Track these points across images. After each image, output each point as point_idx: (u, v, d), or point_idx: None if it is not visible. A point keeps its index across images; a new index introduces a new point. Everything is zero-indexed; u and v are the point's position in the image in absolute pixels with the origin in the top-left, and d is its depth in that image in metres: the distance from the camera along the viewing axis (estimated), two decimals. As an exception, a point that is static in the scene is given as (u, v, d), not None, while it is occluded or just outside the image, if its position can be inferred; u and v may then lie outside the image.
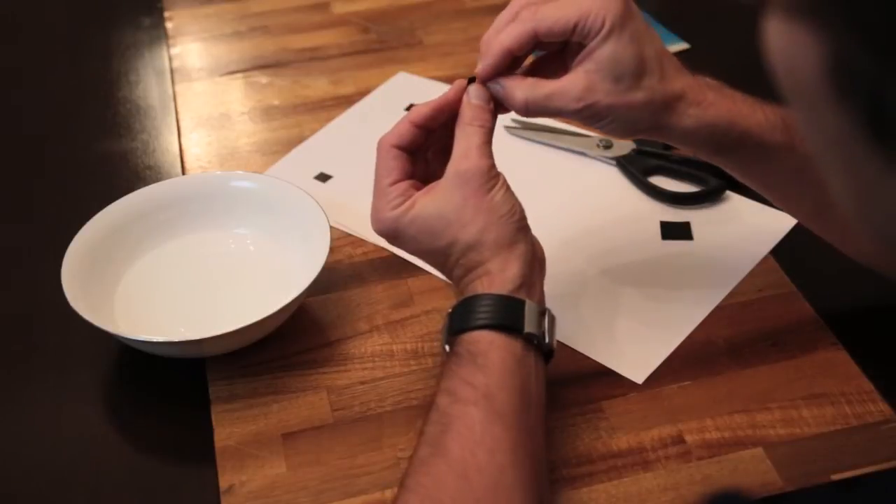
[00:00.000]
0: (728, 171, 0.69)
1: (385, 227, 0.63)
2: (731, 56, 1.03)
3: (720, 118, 0.62)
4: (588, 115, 0.62)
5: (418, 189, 0.63)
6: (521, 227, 0.62)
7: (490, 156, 0.62)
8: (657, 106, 0.61)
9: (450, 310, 0.61)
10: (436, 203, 0.61)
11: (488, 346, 0.58)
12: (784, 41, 0.35)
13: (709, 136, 0.63)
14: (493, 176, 0.61)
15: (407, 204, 0.62)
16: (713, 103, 0.63)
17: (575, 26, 0.60)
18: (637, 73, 0.60)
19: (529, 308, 0.59)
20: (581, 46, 0.61)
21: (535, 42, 0.62)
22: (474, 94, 0.63)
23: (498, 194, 0.61)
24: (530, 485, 0.55)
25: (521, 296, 0.59)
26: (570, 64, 0.62)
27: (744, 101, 0.64)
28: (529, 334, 0.58)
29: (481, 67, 0.63)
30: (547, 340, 0.59)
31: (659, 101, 0.61)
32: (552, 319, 0.61)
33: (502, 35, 0.63)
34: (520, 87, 0.62)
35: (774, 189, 0.69)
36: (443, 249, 0.61)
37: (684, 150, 0.68)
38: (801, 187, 0.66)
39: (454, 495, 0.53)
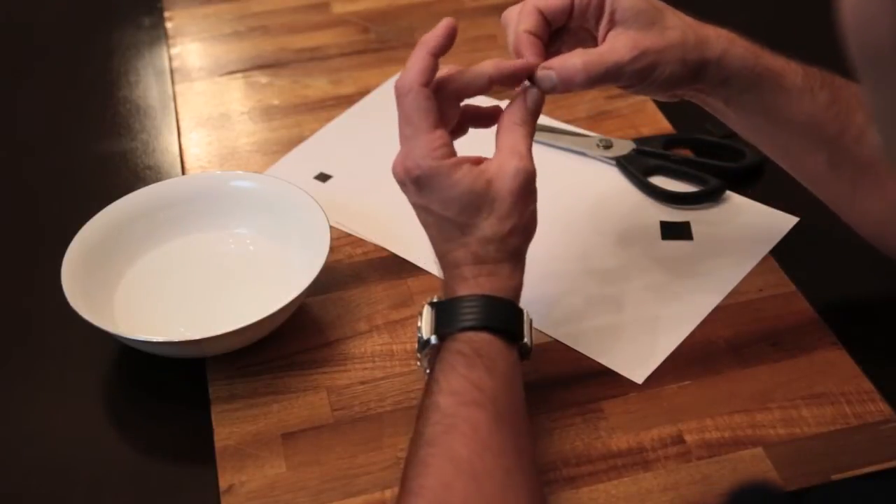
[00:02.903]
0: (751, 119, 0.68)
1: (419, 172, 0.59)
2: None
3: (747, 50, 0.65)
4: (643, 64, 0.62)
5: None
6: (529, 243, 0.63)
7: None
8: (692, 43, 0.64)
9: (437, 299, 0.61)
10: (486, 179, 0.60)
11: (497, 350, 0.58)
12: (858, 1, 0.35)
13: (739, 69, 0.64)
14: (535, 188, 0.62)
15: (453, 160, 0.60)
16: (737, 39, 0.66)
17: None
18: (659, 14, 0.64)
19: (526, 318, 0.61)
20: (588, 32, 0.65)
21: (546, 21, 0.64)
22: (531, 99, 0.63)
23: (535, 206, 0.62)
24: (535, 486, 0.55)
25: (518, 304, 0.61)
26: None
27: (764, 48, 0.66)
28: (524, 344, 0.60)
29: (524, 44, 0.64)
30: (530, 347, 0.62)
31: (692, 36, 0.64)
32: (531, 324, 0.63)
33: (520, 25, 0.65)
34: (573, 56, 0.63)
35: (787, 144, 0.69)
36: (464, 226, 0.60)
37: (713, 99, 0.68)
38: (814, 142, 0.66)
39: (464, 498, 0.52)
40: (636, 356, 0.69)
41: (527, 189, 0.61)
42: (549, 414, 0.66)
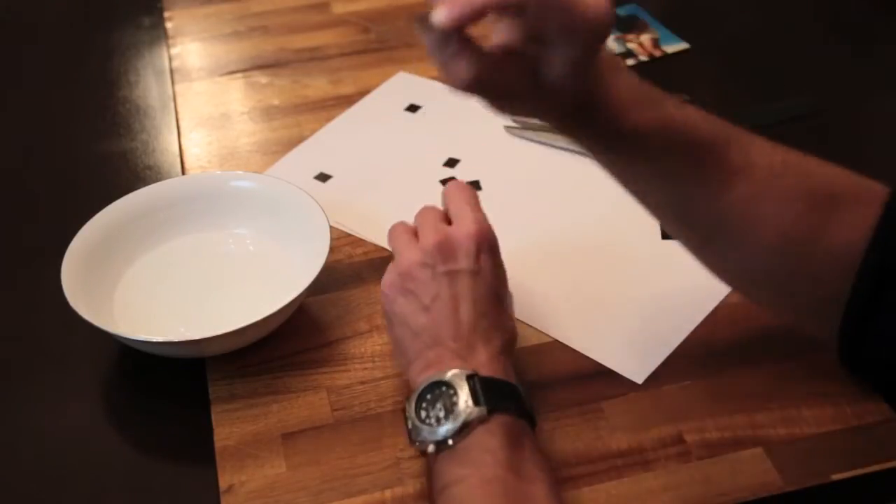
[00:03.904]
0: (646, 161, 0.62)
1: (493, 236, 0.63)
2: (731, 56, 1.03)
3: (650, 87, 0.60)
4: (553, 13, 0.53)
5: None
6: None
7: None
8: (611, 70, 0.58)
9: (471, 380, 0.57)
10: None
11: (525, 430, 0.58)
12: None
13: (645, 93, 0.60)
14: None
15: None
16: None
17: None
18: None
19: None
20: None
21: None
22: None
23: None
24: None
25: None
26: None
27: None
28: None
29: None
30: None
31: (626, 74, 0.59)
32: None
33: None
34: None
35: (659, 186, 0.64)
36: (501, 300, 0.63)
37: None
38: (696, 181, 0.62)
39: None
40: (636, 356, 0.69)
41: None
42: (549, 414, 0.65)
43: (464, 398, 0.56)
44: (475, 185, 0.85)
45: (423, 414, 0.57)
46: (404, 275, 0.62)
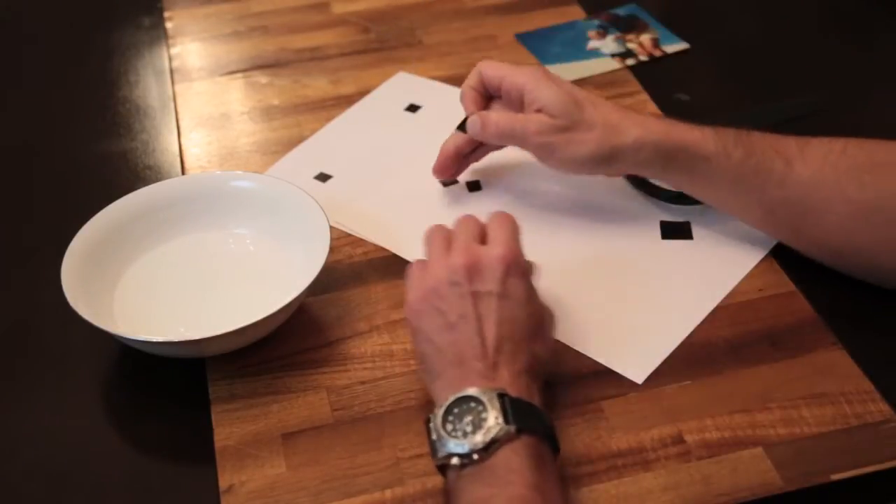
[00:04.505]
0: (682, 187, 0.77)
1: (524, 260, 0.65)
2: (731, 56, 1.03)
3: (654, 133, 0.73)
4: (544, 144, 0.76)
5: None
6: None
7: None
8: (605, 138, 0.73)
9: (502, 399, 0.57)
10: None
11: (548, 455, 0.58)
12: None
13: (653, 152, 0.73)
14: None
15: None
16: (649, 123, 0.74)
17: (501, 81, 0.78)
18: (579, 110, 0.74)
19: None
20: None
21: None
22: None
23: None
24: None
25: None
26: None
27: (679, 123, 0.74)
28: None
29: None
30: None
31: (606, 132, 0.73)
32: None
33: (467, 82, 0.81)
34: (495, 112, 0.80)
35: (720, 201, 0.76)
36: (537, 326, 0.63)
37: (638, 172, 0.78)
38: (741, 196, 0.73)
39: None
40: (636, 356, 0.69)
41: None
42: (549, 414, 0.65)
43: (493, 415, 0.56)
44: (475, 185, 0.85)
45: (450, 427, 0.57)
46: (431, 291, 0.63)
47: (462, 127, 0.81)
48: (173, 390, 0.70)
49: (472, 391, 0.58)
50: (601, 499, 0.61)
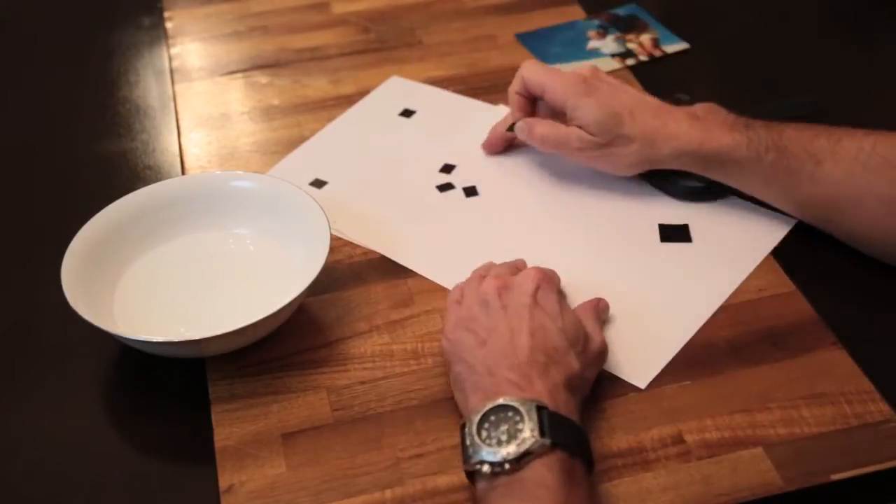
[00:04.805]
0: (718, 180, 0.79)
1: (558, 280, 0.69)
2: (731, 56, 1.03)
3: (690, 144, 0.77)
4: (588, 158, 0.81)
5: None
6: None
7: None
8: (643, 149, 0.78)
9: (541, 412, 0.57)
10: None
11: (582, 473, 0.57)
12: None
13: (691, 159, 0.77)
14: None
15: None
16: (685, 133, 0.77)
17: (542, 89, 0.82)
18: (618, 124, 0.78)
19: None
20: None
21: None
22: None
23: None
24: None
25: None
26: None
27: (716, 126, 0.77)
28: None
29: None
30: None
31: (644, 146, 0.78)
32: None
33: (512, 87, 0.85)
34: (543, 123, 0.83)
35: (763, 193, 0.78)
36: (573, 342, 0.64)
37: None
38: (777, 195, 0.77)
39: None
40: (637, 361, 0.69)
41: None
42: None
43: (530, 426, 0.56)
44: (472, 191, 0.85)
45: (484, 434, 0.57)
46: (464, 318, 0.65)
47: (511, 129, 0.85)
48: (173, 390, 0.70)
49: (510, 401, 0.57)
50: (601, 499, 0.61)
